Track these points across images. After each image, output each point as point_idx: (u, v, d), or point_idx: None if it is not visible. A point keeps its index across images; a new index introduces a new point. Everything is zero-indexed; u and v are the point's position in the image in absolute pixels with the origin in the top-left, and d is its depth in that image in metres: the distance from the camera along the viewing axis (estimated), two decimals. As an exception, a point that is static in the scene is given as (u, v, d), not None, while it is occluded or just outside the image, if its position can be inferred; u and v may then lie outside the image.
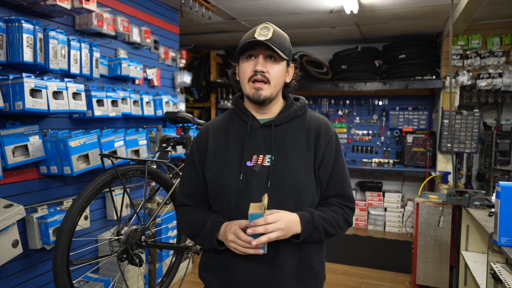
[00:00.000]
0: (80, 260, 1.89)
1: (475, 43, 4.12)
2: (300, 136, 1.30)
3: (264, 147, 1.28)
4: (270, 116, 1.33)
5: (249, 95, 1.26)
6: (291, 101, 1.36)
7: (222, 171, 1.30)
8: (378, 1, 3.52)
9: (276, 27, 1.28)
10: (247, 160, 1.27)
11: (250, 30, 1.28)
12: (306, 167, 1.27)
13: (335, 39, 5.15)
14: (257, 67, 1.23)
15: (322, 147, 1.29)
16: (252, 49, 1.25)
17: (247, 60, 1.26)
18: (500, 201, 1.60)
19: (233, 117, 1.38)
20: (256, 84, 1.24)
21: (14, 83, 1.90)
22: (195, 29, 4.66)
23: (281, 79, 1.29)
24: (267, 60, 1.25)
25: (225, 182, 1.28)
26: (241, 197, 1.26)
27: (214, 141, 1.35)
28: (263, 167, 1.26)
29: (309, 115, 1.36)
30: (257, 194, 1.23)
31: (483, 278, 2.02)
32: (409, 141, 4.88)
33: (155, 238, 2.32)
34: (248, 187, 1.25)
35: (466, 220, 2.68)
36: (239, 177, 1.26)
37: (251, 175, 1.26)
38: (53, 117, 2.32)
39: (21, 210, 1.91)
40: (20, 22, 1.90)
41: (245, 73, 1.26)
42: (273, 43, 1.22)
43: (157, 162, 2.29)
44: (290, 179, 1.25)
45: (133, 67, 2.84)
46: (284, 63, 1.29)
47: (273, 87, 1.26)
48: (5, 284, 2.02)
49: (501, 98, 4.50)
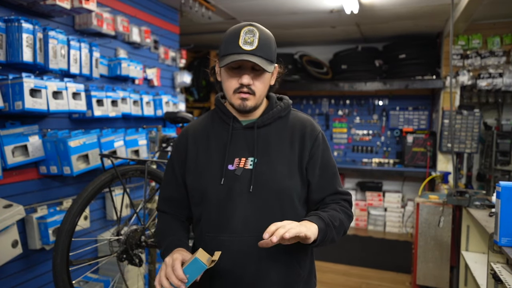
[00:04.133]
0: (79, 260, 1.89)
1: (476, 43, 4.12)
2: (284, 137, 1.26)
3: (246, 149, 1.24)
4: (253, 117, 1.28)
5: (235, 105, 1.22)
6: (274, 101, 1.32)
7: (203, 175, 1.24)
8: (378, 1, 3.52)
9: (262, 28, 1.19)
10: (228, 164, 1.22)
11: (233, 31, 1.18)
12: (291, 170, 1.23)
13: (335, 39, 5.14)
14: (243, 80, 1.17)
15: (307, 148, 1.25)
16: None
17: (232, 71, 1.19)
18: (500, 201, 1.60)
19: (214, 118, 1.32)
20: (242, 95, 1.19)
21: (13, 83, 1.89)
22: (195, 29, 4.66)
23: (266, 87, 1.25)
24: (253, 72, 1.19)
25: (206, 187, 1.22)
26: (222, 203, 1.20)
27: (194, 144, 1.30)
28: (245, 171, 1.21)
29: (293, 116, 1.32)
30: (239, 199, 1.19)
31: (484, 278, 2.02)
32: (409, 141, 4.88)
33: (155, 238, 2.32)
34: (229, 192, 1.20)
35: (467, 220, 2.68)
36: (220, 181, 1.20)
37: (232, 179, 1.20)
38: (53, 117, 2.31)
39: (21, 210, 1.91)
40: (19, 21, 1.89)
41: (230, 85, 1.20)
42: (260, 52, 1.15)
43: (157, 162, 2.28)
44: (273, 182, 1.20)
45: (133, 67, 2.83)
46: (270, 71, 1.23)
47: (258, 98, 1.23)
48: (5, 284, 2.02)
49: (501, 98, 4.50)
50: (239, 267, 1.18)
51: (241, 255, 1.18)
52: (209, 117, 1.35)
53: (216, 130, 1.29)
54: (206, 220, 1.24)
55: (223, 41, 1.20)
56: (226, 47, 1.18)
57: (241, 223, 1.18)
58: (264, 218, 1.18)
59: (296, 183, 1.23)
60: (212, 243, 1.20)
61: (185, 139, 1.33)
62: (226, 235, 1.19)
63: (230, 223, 1.19)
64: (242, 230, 1.18)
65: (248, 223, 1.19)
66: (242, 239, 1.18)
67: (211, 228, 1.22)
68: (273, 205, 1.20)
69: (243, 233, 1.18)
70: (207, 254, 1.10)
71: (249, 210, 1.19)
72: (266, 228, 1.08)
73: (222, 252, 1.12)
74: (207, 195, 1.22)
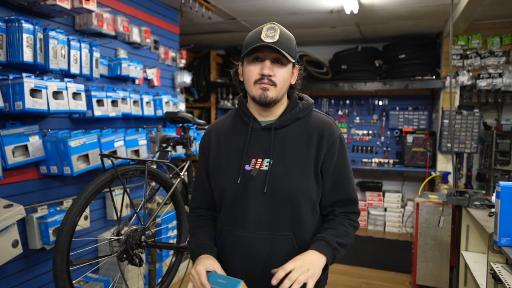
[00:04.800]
0: (80, 260, 1.89)
1: (475, 43, 4.12)
2: (301, 140, 1.27)
3: (263, 150, 1.26)
4: (273, 118, 1.30)
5: (255, 96, 1.23)
6: (295, 100, 1.33)
7: (222, 173, 1.30)
8: (378, 1, 3.52)
9: (283, 28, 1.25)
10: (245, 164, 1.26)
11: (255, 30, 1.25)
12: (305, 172, 1.24)
13: (335, 39, 5.14)
14: (264, 71, 1.20)
15: (323, 151, 1.25)
16: (259, 52, 1.21)
17: (253, 63, 1.23)
18: (500, 201, 1.60)
19: (236, 118, 1.36)
20: (263, 85, 1.21)
21: (14, 83, 1.89)
22: (195, 29, 4.66)
23: (287, 82, 1.27)
24: (274, 64, 1.22)
25: (224, 185, 1.28)
26: (237, 201, 1.26)
27: (216, 144, 1.34)
28: (261, 171, 1.24)
29: (313, 117, 1.32)
30: (253, 198, 1.23)
31: (483, 278, 2.02)
32: (409, 141, 4.88)
33: (155, 238, 2.32)
34: (245, 191, 1.24)
35: (466, 220, 2.68)
36: (236, 180, 1.25)
37: (248, 179, 1.24)
38: (53, 117, 2.31)
39: (21, 210, 1.91)
40: (20, 22, 1.90)
41: (251, 75, 1.23)
42: (281, 45, 1.19)
43: (157, 162, 2.29)
44: (287, 184, 1.22)
45: (133, 67, 2.83)
46: (290, 66, 1.26)
47: (279, 90, 1.24)
48: (5, 284, 2.02)
49: (501, 98, 4.50)
50: (250, 262, 1.24)
51: (253, 250, 1.24)
52: (231, 116, 1.39)
53: (237, 130, 1.33)
54: (224, 215, 1.31)
55: (245, 40, 1.25)
56: (248, 43, 1.23)
57: (254, 221, 1.23)
58: (276, 218, 1.23)
59: (310, 187, 1.25)
60: (228, 236, 1.27)
61: (208, 137, 1.38)
62: (240, 230, 1.25)
63: (244, 220, 1.24)
64: (254, 227, 1.23)
65: (261, 222, 1.23)
66: (254, 235, 1.23)
67: (228, 222, 1.29)
68: (285, 207, 1.23)
69: (256, 230, 1.23)
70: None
71: (262, 209, 1.23)
72: (278, 227, 1.22)
73: (235, 245, 1.24)
74: (225, 192, 1.28)
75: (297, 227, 1.25)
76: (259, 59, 1.22)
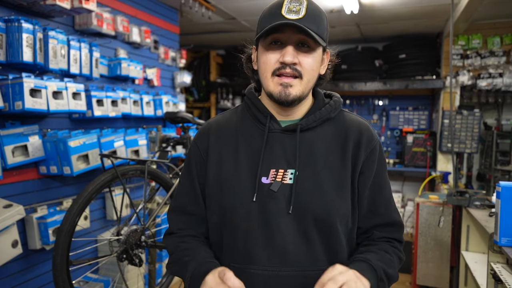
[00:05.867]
0: (79, 260, 1.89)
1: (476, 43, 4.11)
2: (334, 145, 1.00)
3: (285, 158, 0.97)
4: (295, 117, 1.02)
5: (274, 94, 0.94)
6: (322, 98, 1.06)
7: (227, 188, 0.98)
8: (378, 1, 3.52)
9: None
10: (262, 176, 0.96)
11: (273, 3, 0.95)
12: (341, 188, 0.96)
13: (335, 39, 5.14)
14: (286, 57, 0.91)
15: (361, 159, 0.99)
16: (278, 32, 0.92)
17: (271, 47, 0.94)
18: (500, 201, 1.60)
19: (244, 115, 1.05)
20: (284, 78, 0.93)
21: (13, 83, 1.89)
22: (195, 29, 4.66)
23: (316, 72, 0.98)
24: (299, 48, 0.93)
25: (231, 205, 0.96)
26: (253, 226, 0.94)
27: (217, 146, 1.03)
28: (284, 186, 0.95)
29: (346, 118, 1.06)
30: (275, 223, 0.93)
31: (484, 279, 2.02)
32: (409, 141, 4.88)
33: (155, 238, 2.32)
34: (263, 213, 0.93)
35: (467, 220, 2.68)
36: (251, 198, 0.94)
37: (267, 196, 0.94)
38: (53, 117, 2.31)
39: (21, 210, 1.91)
40: (19, 21, 1.89)
41: (268, 64, 0.94)
42: (308, 23, 0.90)
43: (157, 162, 2.28)
44: (319, 203, 0.94)
45: (133, 67, 2.83)
46: (320, 51, 0.98)
47: (306, 83, 0.95)
48: (5, 285, 2.02)
49: (501, 98, 4.50)
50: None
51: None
52: (238, 113, 1.08)
53: (247, 130, 1.02)
54: (229, 248, 0.97)
55: (261, 17, 0.97)
56: (264, 20, 0.94)
57: (278, 255, 0.93)
58: (308, 248, 0.94)
59: (348, 206, 0.98)
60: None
61: (206, 137, 1.05)
62: (259, 268, 0.92)
63: (264, 254, 0.93)
64: (279, 263, 0.92)
65: (288, 255, 0.93)
66: (279, 274, 0.92)
67: (237, 258, 0.95)
68: (317, 232, 0.94)
69: (281, 267, 0.92)
70: None
71: (289, 237, 0.93)
72: (311, 260, 0.92)
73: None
74: (233, 215, 0.96)
75: (332, 259, 0.95)
76: (278, 42, 0.94)
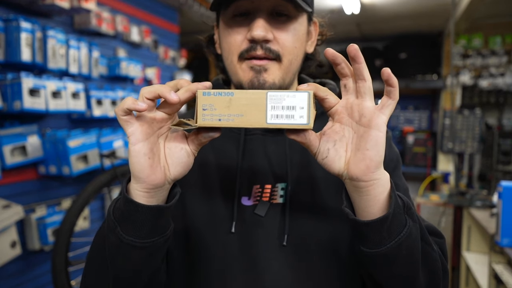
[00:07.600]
0: (79, 261, 1.88)
1: (477, 43, 4.11)
2: None
3: (271, 170, 0.71)
4: None
5: (244, 83, 0.69)
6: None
7: (194, 216, 0.70)
8: (379, 1, 3.51)
9: None
10: (242, 195, 0.70)
11: None
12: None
13: (335, 38, 5.13)
14: (255, 32, 0.65)
15: None
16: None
17: (235, 22, 0.68)
18: (502, 201, 1.59)
19: None
20: (255, 61, 0.67)
21: (12, 82, 1.89)
22: (195, 29, 4.65)
23: (300, 49, 0.72)
24: (274, 18, 0.68)
25: (202, 239, 0.68)
26: (232, 269, 0.66)
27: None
28: (273, 207, 0.69)
29: None
30: (265, 260, 0.66)
31: (485, 279, 2.01)
32: (410, 141, 4.87)
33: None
34: (246, 248, 0.67)
35: (468, 221, 2.67)
36: (229, 228, 0.67)
37: (251, 224, 0.68)
38: (52, 117, 2.31)
39: (20, 211, 1.90)
40: (18, 21, 1.89)
41: (232, 45, 0.68)
42: None
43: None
44: (325, 228, 0.68)
45: (132, 67, 2.82)
46: (304, 20, 0.72)
47: (287, 67, 0.69)
48: (4, 285, 2.01)
49: (502, 98, 4.49)
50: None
51: None
52: None
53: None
54: None
55: None
56: None
57: None
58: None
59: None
60: None
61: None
62: None
63: None
64: None
65: None
66: None
67: None
68: (324, 271, 0.67)
69: None
70: None
71: (283, 282, 0.66)
72: None
73: None
74: (204, 253, 0.68)
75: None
76: (245, 13, 0.68)
